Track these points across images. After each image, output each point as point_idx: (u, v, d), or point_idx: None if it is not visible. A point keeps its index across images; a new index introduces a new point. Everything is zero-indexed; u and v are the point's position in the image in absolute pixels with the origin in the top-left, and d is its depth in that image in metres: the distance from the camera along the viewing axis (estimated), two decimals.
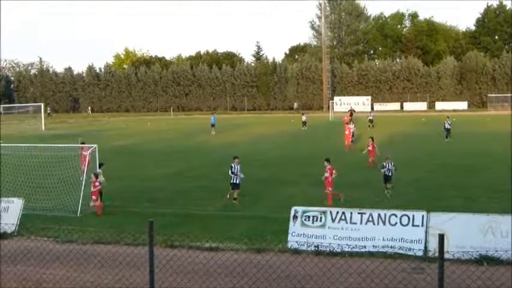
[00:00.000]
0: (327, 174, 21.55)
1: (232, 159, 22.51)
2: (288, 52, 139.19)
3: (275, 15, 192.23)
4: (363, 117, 67.33)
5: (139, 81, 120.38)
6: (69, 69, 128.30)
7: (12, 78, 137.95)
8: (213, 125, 57.99)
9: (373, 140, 31.22)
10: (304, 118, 63.46)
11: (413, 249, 13.99)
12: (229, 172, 21.95)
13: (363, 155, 31.71)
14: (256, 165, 32.31)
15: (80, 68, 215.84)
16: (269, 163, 33.70)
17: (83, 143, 26.83)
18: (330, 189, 21.38)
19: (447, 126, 45.68)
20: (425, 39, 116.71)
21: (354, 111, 75.24)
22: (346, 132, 40.79)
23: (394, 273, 11.84)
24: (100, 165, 22.50)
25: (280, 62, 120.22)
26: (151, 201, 22.89)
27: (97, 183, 20.73)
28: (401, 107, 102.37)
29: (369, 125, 60.17)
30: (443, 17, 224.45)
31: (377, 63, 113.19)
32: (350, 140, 40.09)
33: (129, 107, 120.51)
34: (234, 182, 21.83)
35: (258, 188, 24.98)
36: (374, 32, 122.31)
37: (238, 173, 21.81)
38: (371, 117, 62.58)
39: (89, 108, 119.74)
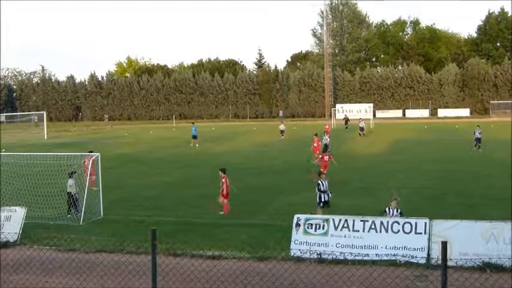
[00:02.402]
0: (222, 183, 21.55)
1: (318, 175, 20.78)
2: (290, 60, 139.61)
3: (277, 22, 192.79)
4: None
5: (142, 90, 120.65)
6: (71, 78, 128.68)
7: (14, 86, 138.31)
8: (194, 137, 52.34)
9: (324, 152, 30.01)
10: (282, 127, 60.80)
11: (416, 257, 13.94)
12: (316, 189, 20.06)
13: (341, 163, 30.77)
14: (255, 173, 32.45)
15: (82, 76, 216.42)
16: (268, 171, 33.72)
17: (90, 152, 26.73)
18: (221, 199, 21.43)
19: (477, 135, 42.67)
20: (427, 47, 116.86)
21: (348, 119, 74.89)
22: (314, 144, 37.30)
23: (397, 281, 11.81)
24: (72, 174, 22.01)
25: (282, 69, 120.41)
26: (153, 209, 22.89)
27: None
28: (404, 114, 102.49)
29: (360, 134, 59.12)
30: (445, 24, 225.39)
31: (379, 71, 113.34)
32: (318, 152, 35.89)
33: (131, 115, 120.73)
34: (324, 200, 19.88)
35: (258, 196, 25.05)
36: (376, 40, 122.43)
37: (327, 190, 19.93)
38: (362, 125, 60.81)
39: (106, 116, 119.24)
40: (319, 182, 19.96)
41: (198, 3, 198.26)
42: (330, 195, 20.03)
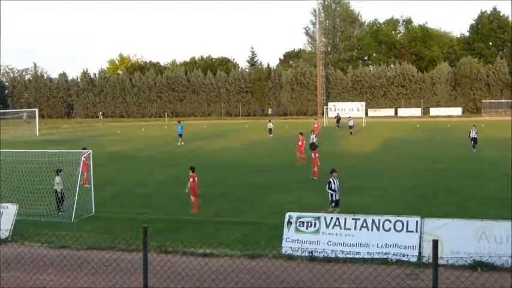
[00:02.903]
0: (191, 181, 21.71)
1: (330, 173, 19.71)
2: (282, 58, 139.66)
3: (270, 20, 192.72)
4: (357, 122, 67.20)
5: (134, 87, 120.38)
6: (63, 75, 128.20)
7: (6, 83, 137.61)
8: (180, 135, 52.22)
9: (313, 150, 29.99)
10: (270, 125, 60.37)
11: (407, 255, 13.98)
12: (327, 188, 19.25)
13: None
14: (249, 171, 32.43)
15: (74, 73, 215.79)
16: (260, 169, 33.71)
17: (84, 149, 26.61)
18: (192, 198, 21.53)
19: (473, 135, 41.03)
20: (419, 45, 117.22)
21: (340, 118, 75.02)
22: (299, 143, 36.22)
23: (388, 280, 11.84)
24: (58, 171, 21.89)
25: (274, 67, 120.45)
26: (145, 206, 22.85)
27: None
28: (396, 112, 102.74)
29: (350, 132, 59.37)
30: (438, 23, 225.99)
31: (371, 69, 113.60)
32: (303, 151, 35.50)
33: (123, 113, 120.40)
34: (336, 199, 19.22)
35: (251, 194, 25.07)
36: (368, 38, 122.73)
37: (337, 189, 19.26)
38: (351, 124, 60.91)
39: (100, 113, 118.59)
40: (330, 180, 19.33)
41: (192, 2, 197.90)
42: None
